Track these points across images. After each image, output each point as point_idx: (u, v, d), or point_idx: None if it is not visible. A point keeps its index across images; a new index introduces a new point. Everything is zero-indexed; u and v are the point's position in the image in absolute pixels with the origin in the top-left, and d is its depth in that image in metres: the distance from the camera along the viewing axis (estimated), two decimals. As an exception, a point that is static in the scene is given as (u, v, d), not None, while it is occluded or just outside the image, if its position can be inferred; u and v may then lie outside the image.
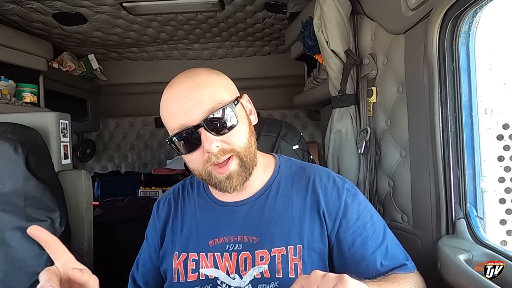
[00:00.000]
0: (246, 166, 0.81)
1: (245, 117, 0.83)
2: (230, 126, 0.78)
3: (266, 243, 0.82)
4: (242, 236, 0.84)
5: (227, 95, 0.81)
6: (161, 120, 0.85)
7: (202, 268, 0.84)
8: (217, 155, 0.77)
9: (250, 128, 0.84)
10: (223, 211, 0.88)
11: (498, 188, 1.21)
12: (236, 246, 0.83)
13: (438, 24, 0.92)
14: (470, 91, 0.97)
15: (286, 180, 0.90)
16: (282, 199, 0.87)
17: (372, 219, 0.86)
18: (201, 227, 0.88)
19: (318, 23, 1.45)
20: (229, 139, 0.79)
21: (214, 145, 0.76)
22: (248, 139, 0.81)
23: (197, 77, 0.82)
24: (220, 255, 0.83)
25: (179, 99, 0.79)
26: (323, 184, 0.87)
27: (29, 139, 1.47)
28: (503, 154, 1.20)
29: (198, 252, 0.85)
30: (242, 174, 0.81)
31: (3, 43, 1.92)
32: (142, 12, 2.11)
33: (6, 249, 1.33)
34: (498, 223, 1.20)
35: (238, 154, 0.79)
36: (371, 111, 1.33)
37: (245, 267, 0.81)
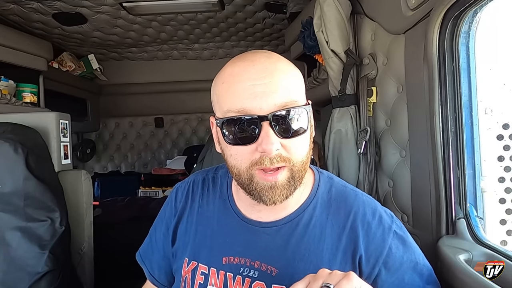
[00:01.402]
0: (295, 182, 0.69)
1: (311, 127, 0.70)
2: (298, 132, 0.66)
3: (287, 278, 0.70)
4: (260, 262, 0.73)
5: (302, 96, 0.69)
6: (160, 120, 0.78)
7: (210, 286, 0.75)
8: (272, 160, 0.65)
9: (311, 141, 0.71)
10: (244, 229, 0.77)
11: (498, 188, 1.21)
12: (251, 272, 0.73)
13: (438, 24, 0.92)
14: (470, 91, 0.97)
15: (323, 207, 0.76)
16: (314, 231, 0.74)
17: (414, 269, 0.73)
18: (217, 238, 0.78)
19: (318, 23, 1.45)
20: (291, 146, 0.66)
21: (275, 147, 0.64)
22: (307, 154, 0.70)
23: (277, 61, 0.69)
24: (232, 276, 0.74)
25: (250, 77, 0.64)
26: (366, 222, 0.73)
27: (29, 139, 1.47)
28: (503, 154, 1.20)
29: (209, 266, 0.77)
30: (287, 190, 0.68)
31: (3, 43, 1.92)
32: (142, 12, 2.11)
33: (6, 249, 1.33)
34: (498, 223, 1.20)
35: (292, 167, 0.67)
36: (371, 111, 1.33)
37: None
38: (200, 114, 3.45)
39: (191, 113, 3.45)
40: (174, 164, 3.22)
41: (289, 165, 0.67)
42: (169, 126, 3.49)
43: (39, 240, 1.36)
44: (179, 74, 3.25)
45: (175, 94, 3.30)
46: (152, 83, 3.27)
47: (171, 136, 3.52)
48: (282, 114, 0.64)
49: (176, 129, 3.50)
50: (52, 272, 1.35)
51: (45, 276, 1.34)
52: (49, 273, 1.35)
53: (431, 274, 0.74)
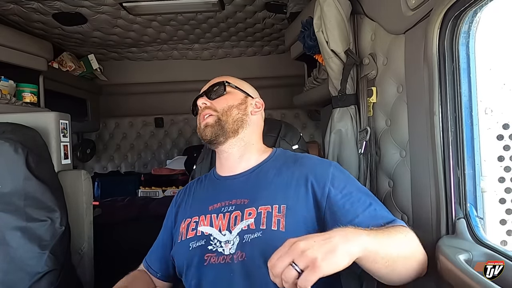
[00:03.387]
0: (220, 124, 1.03)
1: (238, 98, 1.10)
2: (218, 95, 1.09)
3: (255, 203, 0.95)
4: (235, 200, 0.98)
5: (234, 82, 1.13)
6: (160, 120, 1.00)
7: (200, 227, 0.98)
8: (201, 108, 1.09)
9: (241, 107, 1.09)
10: (223, 183, 1.07)
11: (498, 188, 1.20)
12: (229, 208, 0.97)
13: (438, 24, 0.92)
14: (470, 91, 0.97)
15: (278, 159, 1.07)
16: (273, 171, 1.03)
17: (358, 189, 0.97)
18: (205, 198, 1.07)
19: (318, 23, 1.45)
20: (214, 104, 1.08)
21: (201, 102, 1.09)
22: (229, 108, 1.06)
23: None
24: (216, 216, 0.98)
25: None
26: (312, 162, 1.03)
27: (29, 139, 1.47)
28: (503, 154, 1.20)
29: (199, 215, 1.01)
30: (216, 127, 1.03)
31: (3, 43, 1.92)
32: (142, 12, 2.11)
33: (6, 249, 1.33)
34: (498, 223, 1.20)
35: (216, 114, 1.05)
36: (371, 111, 1.33)
37: (234, 223, 0.93)
38: (200, 114, 3.45)
39: (191, 113, 3.44)
40: (174, 164, 3.21)
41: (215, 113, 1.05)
42: (169, 126, 3.49)
43: (39, 240, 1.36)
44: (179, 74, 3.25)
45: (175, 94, 3.30)
46: (152, 83, 3.27)
47: (171, 136, 3.52)
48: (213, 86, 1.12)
49: (176, 129, 3.50)
50: (52, 272, 1.35)
51: (45, 276, 1.34)
52: (49, 273, 1.35)
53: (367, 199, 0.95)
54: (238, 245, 0.90)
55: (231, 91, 1.11)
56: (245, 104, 1.10)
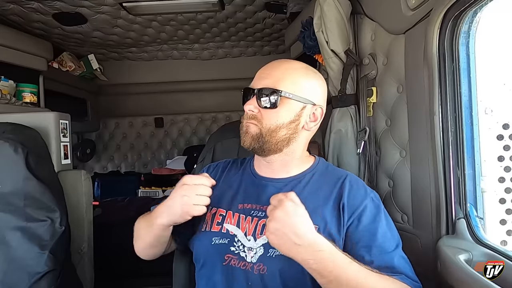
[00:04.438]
0: (263, 140, 0.92)
1: (292, 113, 0.92)
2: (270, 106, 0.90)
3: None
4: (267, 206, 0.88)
5: (292, 88, 0.91)
6: (160, 120, 0.92)
7: (226, 223, 0.94)
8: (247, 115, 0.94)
9: (291, 126, 0.93)
10: (259, 184, 0.99)
11: (498, 188, 1.20)
12: (259, 213, 0.93)
13: (438, 24, 0.92)
14: (470, 91, 0.97)
15: (320, 174, 0.99)
16: (312, 187, 0.96)
17: (385, 233, 0.88)
18: (237, 192, 1.00)
19: (318, 23, 1.45)
20: (261, 114, 0.92)
21: (248, 107, 0.92)
22: (278, 127, 0.91)
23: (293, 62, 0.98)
24: (244, 217, 0.93)
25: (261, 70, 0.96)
26: (351, 184, 0.94)
27: (29, 139, 1.47)
28: (503, 154, 1.20)
29: (227, 210, 0.96)
30: (256, 141, 0.92)
31: (3, 43, 1.92)
32: (142, 12, 2.11)
33: (6, 249, 1.33)
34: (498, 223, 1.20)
35: (261, 128, 0.92)
36: (371, 111, 1.33)
37: (261, 232, 0.89)
38: (200, 114, 3.45)
39: (191, 113, 3.44)
40: (174, 164, 3.22)
41: (259, 125, 0.92)
42: (169, 126, 3.49)
43: (39, 240, 1.36)
44: (179, 74, 3.25)
45: (175, 94, 3.30)
46: (152, 83, 3.27)
47: (171, 136, 3.52)
48: (263, 91, 0.90)
49: (176, 129, 3.50)
50: (52, 272, 1.35)
51: (45, 276, 1.34)
52: (49, 273, 1.35)
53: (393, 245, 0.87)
54: (261, 257, 0.87)
55: (286, 103, 0.91)
56: (299, 120, 0.93)
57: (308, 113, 0.94)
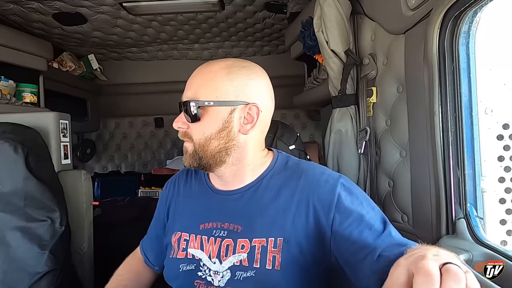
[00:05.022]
0: (199, 157, 0.88)
1: (219, 121, 0.85)
2: (191, 120, 0.86)
3: (248, 233, 0.84)
4: (228, 223, 0.87)
5: (213, 94, 0.84)
6: (160, 120, 0.91)
7: (190, 248, 0.90)
8: (180, 133, 0.91)
9: (221, 135, 0.85)
10: (216, 198, 0.93)
11: (498, 188, 1.21)
12: (221, 232, 0.87)
13: (438, 24, 0.92)
14: (470, 91, 0.97)
15: (279, 175, 0.90)
16: (271, 192, 0.87)
17: (369, 213, 0.80)
18: (196, 211, 0.94)
19: (318, 23, 1.45)
20: (191, 130, 0.88)
21: (176, 124, 0.89)
22: (207, 140, 0.86)
23: (211, 66, 0.90)
24: (207, 238, 0.88)
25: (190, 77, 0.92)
26: (315, 179, 0.85)
27: (29, 139, 1.47)
28: (503, 154, 1.20)
29: (189, 233, 0.92)
30: (193, 159, 0.89)
31: (3, 43, 1.92)
32: (142, 12, 2.11)
33: (6, 249, 1.33)
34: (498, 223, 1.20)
35: (193, 144, 0.88)
36: (371, 111, 1.33)
37: (226, 253, 0.84)
38: (200, 114, 3.46)
39: None
40: (174, 164, 3.21)
41: (191, 142, 0.88)
42: (169, 126, 3.48)
43: (39, 240, 1.36)
44: (179, 74, 3.24)
45: (175, 94, 3.28)
46: (152, 83, 3.27)
47: (171, 136, 3.52)
48: (184, 104, 0.85)
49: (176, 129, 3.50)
50: (52, 272, 1.35)
51: (45, 276, 1.34)
52: (49, 273, 1.34)
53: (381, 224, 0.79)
54: (229, 281, 0.83)
55: (209, 112, 0.84)
56: (229, 127, 0.85)
57: (240, 115, 0.85)
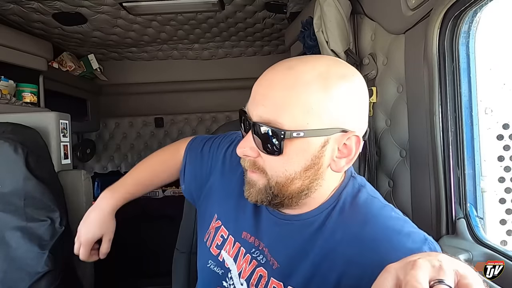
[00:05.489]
0: (273, 195, 0.67)
1: (307, 156, 0.63)
2: (269, 151, 0.62)
3: (285, 276, 0.69)
4: (268, 251, 0.72)
5: (302, 119, 0.60)
6: (160, 120, 0.83)
7: (224, 251, 0.78)
8: (245, 160, 0.67)
9: (308, 173, 0.64)
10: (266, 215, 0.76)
11: (498, 188, 1.20)
12: (260, 257, 0.73)
13: (438, 24, 0.92)
14: (470, 91, 0.97)
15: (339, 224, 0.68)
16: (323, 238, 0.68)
17: None
18: (243, 211, 0.79)
19: (318, 23, 1.45)
20: (265, 161, 0.65)
21: (241, 150, 0.65)
22: (288, 179, 0.64)
23: (292, 74, 0.62)
24: (244, 252, 0.75)
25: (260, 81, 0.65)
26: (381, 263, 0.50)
27: (29, 139, 1.47)
28: (503, 154, 1.20)
29: (229, 233, 0.79)
30: (264, 196, 0.68)
31: (3, 43, 1.92)
32: (142, 12, 2.11)
33: (6, 249, 1.33)
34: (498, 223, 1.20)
35: (268, 178, 0.66)
36: (371, 111, 1.33)
37: (256, 283, 0.72)
38: (200, 114, 3.45)
39: (191, 113, 3.44)
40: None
41: (264, 175, 0.66)
42: (169, 126, 3.49)
43: (39, 240, 1.36)
44: (179, 74, 3.25)
45: (175, 94, 3.30)
46: (152, 83, 3.27)
47: (171, 136, 3.51)
48: (258, 126, 0.61)
49: (176, 129, 3.50)
50: (52, 272, 1.35)
51: (45, 276, 1.34)
52: (49, 273, 1.35)
53: None
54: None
55: (293, 143, 0.61)
56: (319, 163, 0.64)
57: (334, 147, 0.63)
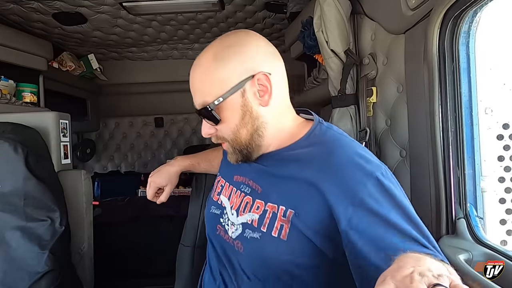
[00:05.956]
0: (238, 150, 0.86)
1: (236, 109, 0.80)
2: (215, 123, 0.83)
3: (266, 196, 0.83)
4: (253, 182, 0.88)
5: (215, 89, 0.79)
6: (160, 120, 0.90)
7: (222, 195, 0.95)
8: (213, 138, 0.88)
9: (245, 120, 0.81)
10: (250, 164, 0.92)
11: (498, 188, 1.20)
12: (246, 189, 0.89)
13: (438, 24, 0.92)
14: (470, 91, 0.97)
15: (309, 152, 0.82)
16: (297, 164, 0.81)
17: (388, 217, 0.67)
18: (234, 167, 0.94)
19: (318, 23, 1.45)
20: (218, 131, 0.85)
21: (204, 133, 0.86)
22: (236, 133, 0.83)
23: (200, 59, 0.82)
24: (235, 190, 0.92)
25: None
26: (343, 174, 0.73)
27: (29, 139, 1.47)
28: (503, 154, 1.20)
29: (226, 181, 0.98)
30: (236, 155, 0.87)
31: (3, 43, 1.92)
32: (142, 12, 2.11)
33: (6, 249, 1.33)
34: (498, 223, 1.20)
35: (229, 141, 0.85)
36: (371, 111, 1.33)
37: (244, 209, 0.86)
38: (200, 114, 3.46)
39: (191, 113, 3.44)
40: (174, 164, 3.21)
41: (226, 141, 0.85)
42: (169, 126, 3.49)
43: (39, 240, 1.36)
44: (179, 74, 3.25)
45: (175, 94, 3.30)
46: (152, 83, 3.27)
47: (171, 136, 3.52)
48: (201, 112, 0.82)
49: (176, 129, 3.50)
50: (52, 272, 1.35)
51: (45, 276, 1.34)
52: (49, 273, 1.35)
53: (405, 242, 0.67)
54: (239, 236, 0.84)
55: (223, 108, 0.80)
56: (249, 108, 0.80)
57: (253, 91, 0.79)
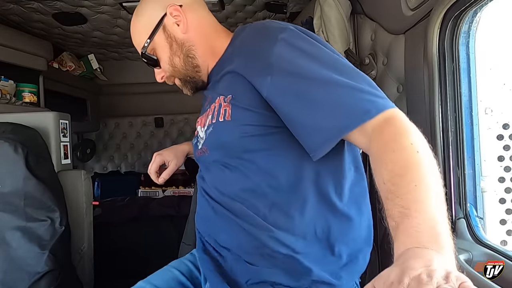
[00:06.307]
0: (185, 81, 0.94)
1: (164, 43, 0.90)
2: (157, 64, 0.93)
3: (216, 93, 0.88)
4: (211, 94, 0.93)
5: (143, 35, 0.91)
6: (160, 120, 0.93)
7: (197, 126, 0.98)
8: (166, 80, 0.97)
9: (173, 49, 0.90)
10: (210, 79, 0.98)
11: (498, 188, 1.20)
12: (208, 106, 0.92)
13: (438, 24, 0.92)
14: (470, 91, 0.97)
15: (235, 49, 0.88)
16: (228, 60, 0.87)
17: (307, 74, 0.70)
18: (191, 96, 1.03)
19: (318, 23, 1.45)
20: (164, 71, 0.94)
21: (159, 78, 0.96)
22: (172, 64, 0.91)
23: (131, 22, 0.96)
24: (203, 113, 0.96)
25: None
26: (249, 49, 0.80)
27: (29, 139, 1.47)
28: (503, 154, 1.20)
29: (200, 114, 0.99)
30: (186, 87, 0.96)
31: (3, 43, 1.92)
32: (142, 12, 2.11)
33: (6, 249, 1.33)
34: (498, 223, 1.20)
35: (175, 76, 0.94)
36: (371, 111, 1.33)
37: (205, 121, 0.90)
38: (200, 114, 3.46)
39: (191, 113, 3.44)
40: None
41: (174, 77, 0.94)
42: (169, 126, 3.49)
43: (39, 240, 1.36)
44: None
45: (175, 94, 3.28)
46: (152, 83, 3.23)
47: (171, 136, 3.52)
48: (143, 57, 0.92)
49: (176, 129, 3.50)
50: (52, 272, 1.35)
51: (45, 276, 1.34)
52: (49, 273, 1.35)
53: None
54: (204, 142, 0.90)
55: (154, 47, 0.91)
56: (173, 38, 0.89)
57: (171, 23, 0.89)
